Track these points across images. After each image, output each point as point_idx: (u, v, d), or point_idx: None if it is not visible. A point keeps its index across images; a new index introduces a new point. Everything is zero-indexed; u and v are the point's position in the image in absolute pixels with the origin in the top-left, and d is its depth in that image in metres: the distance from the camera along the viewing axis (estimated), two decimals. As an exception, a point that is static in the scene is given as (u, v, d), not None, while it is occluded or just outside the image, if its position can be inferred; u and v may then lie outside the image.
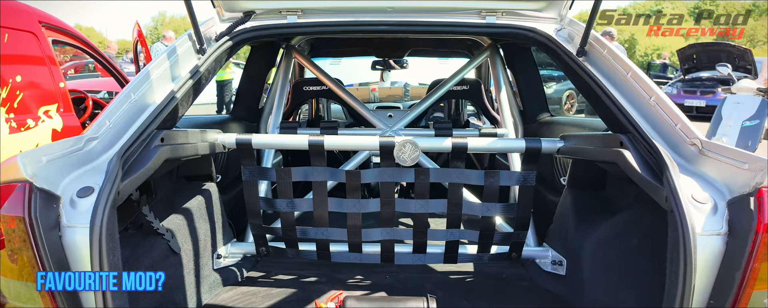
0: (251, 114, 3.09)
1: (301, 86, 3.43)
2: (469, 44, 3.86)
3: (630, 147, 1.55)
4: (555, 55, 1.97)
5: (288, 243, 2.17)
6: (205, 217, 2.11)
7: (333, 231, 2.10)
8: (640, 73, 1.65)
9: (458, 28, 2.03)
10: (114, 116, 1.53)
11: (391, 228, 2.09)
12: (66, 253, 1.23)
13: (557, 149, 2.01)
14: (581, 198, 2.11)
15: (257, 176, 2.03)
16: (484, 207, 2.03)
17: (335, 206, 2.06)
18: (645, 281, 1.58)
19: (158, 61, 1.74)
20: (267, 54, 3.09)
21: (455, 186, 2.00)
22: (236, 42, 2.02)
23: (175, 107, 1.70)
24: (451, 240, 2.10)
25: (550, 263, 2.19)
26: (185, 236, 1.94)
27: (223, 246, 2.25)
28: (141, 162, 1.48)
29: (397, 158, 1.95)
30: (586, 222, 2.02)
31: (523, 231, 2.08)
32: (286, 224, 2.11)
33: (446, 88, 3.05)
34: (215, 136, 2.04)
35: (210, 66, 1.91)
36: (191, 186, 2.16)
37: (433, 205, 2.04)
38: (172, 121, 1.72)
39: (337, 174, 2.03)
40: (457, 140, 1.97)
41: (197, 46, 1.91)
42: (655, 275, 1.44)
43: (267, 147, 2.07)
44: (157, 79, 1.71)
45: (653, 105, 1.56)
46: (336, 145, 2.01)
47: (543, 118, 3.04)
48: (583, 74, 1.81)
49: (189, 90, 1.79)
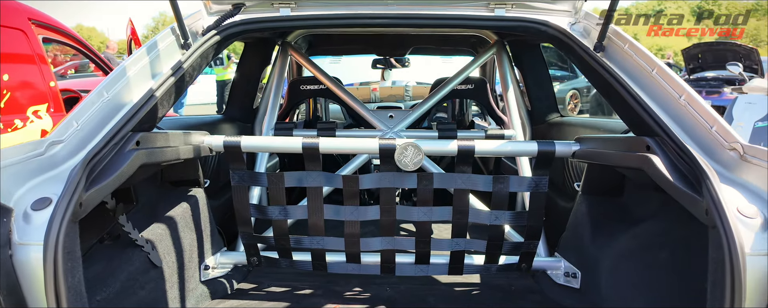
0: (245, 114, 2.94)
1: (298, 85, 3.28)
2: (473, 42, 3.70)
3: (658, 151, 1.39)
4: (570, 51, 1.82)
5: (281, 252, 2.03)
6: (192, 225, 1.96)
7: (329, 241, 1.96)
8: (666, 69, 1.50)
9: (465, 21, 1.88)
10: (83, 117, 1.37)
11: (391, 238, 1.95)
12: (18, 275, 1.08)
13: (572, 153, 1.85)
14: (597, 206, 1.95)
15: (247, 181, 1.89)
16: (493, 215, 1.89)
17: (332, 213, 1.92)
18: (675, 302, 1.42)
19: (136, 57, 1.59)
20: (261, 51, 2.94)
21: (461, 192, 1.86)
22: (224, 37, 1.87)
23: (154, 107, 1.55)
24: (456, 250, 1.96)
25: (562, 275, 2.04)
26: (168, 246, 1.79)
27: (211, 256, 2.11)
28: (112, 168, 1.32)
29: (399, 162, 1.80)
30: (603, 232, 1.86)
31: (534, 240, 1.94)
32: (279, 232, 1.96)
33: (450, 87, 2.90)
34: (201, 139, 1.89)
35: (195, 62, 1.76)
36: (177, 192, 2.01)
37: (438, 213, 1.89)
38: (151, 122, 1.57)
39: (333, 180, 1.89)
40: (464, 143, 1.82)
41: (181, 40, 1.76)
42: (687, 296, 1.29)
43: (257, 150, 1.91)
44: (135, 76, 1.55)
45: (684, 104, 1.40)
46: (332, 149, 1.86)
47: (552, 118, 2.89)
48: (602, 71, 1.65)
49: (170, 88, 1.63)
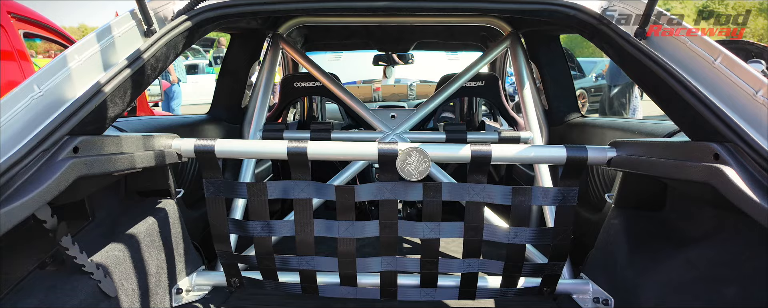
0: (232, 114, 2.66)
1: (291, 82, 3.00)
2: (483, 35, 3.40)
3: (731, 161, 1.10)
4: (606, 41, 1.52)
5: (265, 273, 1.75)
6: (160, 243, 1.68)
7: (321, 261, 1.69)
8: (734, 58, 1.20)
9: (479, 5, 1.59)
10: (4, 117, 1.09)
11: (393, 257, 1.67)
12: None
13: (608, 160, 1.56)
14: (635, 221, 1.66)
15: (224, 192, 1.61)
16: (512, 233, 1.60)
17: (323, 229, 1.64)
18: None
19: (82, 44, 1.30)
20: (250, 44, 2.65)
21: (475, 205, 1.58)
22: (197, 23, 1.58)
23: (102, 105, 1.27)
24: (468, 271, 1.68)
25: (590, 299, 1.76)
26: (128, 270, 1.51)
27: (185, 277, 1.83)
28: (37, 181, 1.05)
29: (401, 171, 1.52)
30: (644, 254, 1.57)
31: (560, 262, 1.66)
32: (262, 251, 1.69)
33: (459, 84, 2.61)
34: (169, 142, 1.61)
35: (160, 53, 1.47)
36: (145, 205, 1.74)
37: (447, 229, 1.61)
38: (97, 123, 1.28)
39: (324, 191, 1.61)
40: (479, 148, 1.53)
41: (144, 26, 1.48)
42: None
43: (234, 155, 1.63)
44: (79, 68, 1.27)
45: (762, 102, 1.11)
46: (322, 154, 1.58)
47: (572, 118, 2.59)
48: (648, 62, 1.35)
49: (126, 82, 1.35)
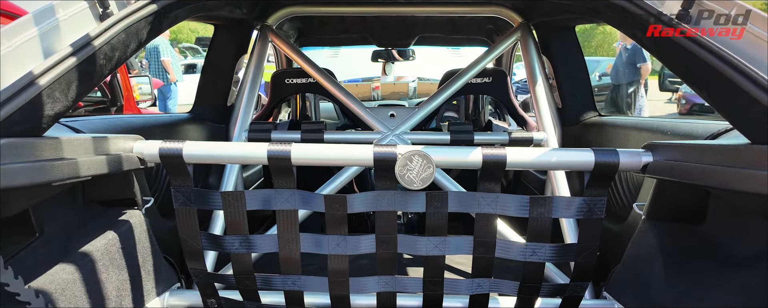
0: (217, 113, 2.44)
1: (282, 78, 2.77)
2: (489, 28, 3.18)
3: None
4: (639, 27, 1.29)
5: (245, 294, 1.53)
6: (121, 261, 1.46)
7: (308, 280, 1.47)
8: None
9: None
10: None
11: (391, 277, 1.45)
12: None
13: (642, 166, 1.33)
14: (671, 236, 1.44)
15: (195, 203, 1.39)
16: (530, 250, 1.38)
17: (311, 245, 1.42)
18: None
19: (13, 26, 1.08)
20: (236, 36, 2.43)
21: (486, 218, 1.35)
22: (165, 6, 1.35)
23: (37, 100, 1.04)
24: (478, 293, 1.46)
25: None
26: (78, 296, 1.28)
27: (156, 297, 1.61)
28: None
29: (401, 178, 1.30)
30: (683, 275, 1.35)
31: (584, 282, 1.43)
32: (241, 269, 1.46)
33: (464, 80, 2.39)
34: (129, 145, 1.38)
35: (116, 40, 1.24)
36: (105, 216, 1.51)
37: (454, 245, 1.39)
38: (30, 122, 1.06)
39: (311, 201, 1.38)
40: (492, 151, 1.31)
41: (98, 8, 1.25)
42: None
43: (208, 160, 1.40)
44: (9, 55, 1.05)
45: None
46: (309, 158, 1.36)
47: (588, 117, 2.36)
48: (697, 49, 1.12)
49: (70, 73, 1.12)
